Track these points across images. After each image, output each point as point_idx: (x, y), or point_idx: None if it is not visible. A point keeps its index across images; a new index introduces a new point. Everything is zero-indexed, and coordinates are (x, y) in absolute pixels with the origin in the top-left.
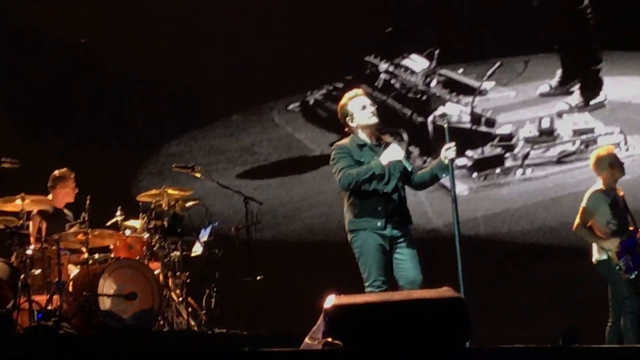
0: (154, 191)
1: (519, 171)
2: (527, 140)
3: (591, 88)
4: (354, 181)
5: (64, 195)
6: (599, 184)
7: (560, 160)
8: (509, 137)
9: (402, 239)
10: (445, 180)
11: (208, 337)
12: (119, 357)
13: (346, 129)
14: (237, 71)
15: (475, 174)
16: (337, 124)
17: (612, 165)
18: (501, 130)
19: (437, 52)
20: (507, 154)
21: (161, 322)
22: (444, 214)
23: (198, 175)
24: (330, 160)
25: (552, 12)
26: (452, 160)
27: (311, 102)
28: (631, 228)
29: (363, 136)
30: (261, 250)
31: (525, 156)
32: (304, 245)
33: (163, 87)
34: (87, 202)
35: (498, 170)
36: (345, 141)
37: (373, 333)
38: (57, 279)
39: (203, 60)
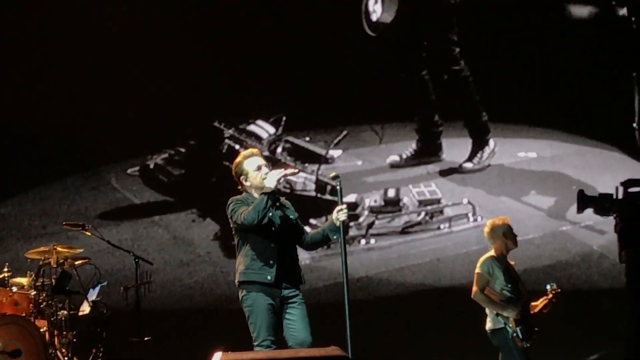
0: (42, 248)
1: (363, 241)
2: (372, 210)
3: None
4: (257, 212)
5: None
6: (491, 252)
7: (405, 230)
8: (354, 206)
9: (293, 299)
10: None
11: None
12: None
13: (239, 187)
14: (74, 132)
15: None
16: (178, 189)
17: (505, 235)
18: (346, 199)
19: (284, 118)
20: (351, 223)
21: None
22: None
23: (88, 233)
24: (229, 211)
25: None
26: (343, 222)
27: (152, 166)
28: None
29: (257, 196)
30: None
31: (370, 226)
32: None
33: None
34: None
35: None
36: (241, 196)
37: None
38: None
39: (36, 118)
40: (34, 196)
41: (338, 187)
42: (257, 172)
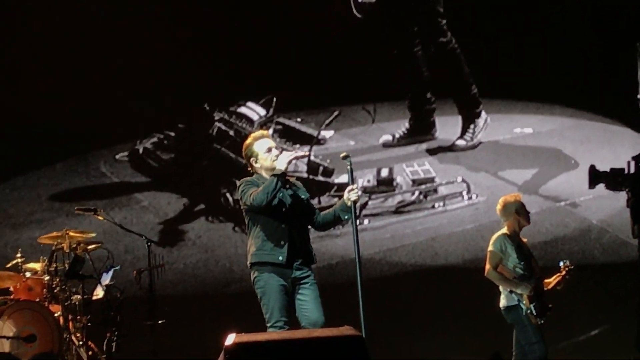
0: (55, 233)
1: (357, 221)
2: (365, 190)
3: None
4: (266, 193)
5: None
6: (503, 230)
7: (399, 210)
8: (346, 186)
9: (305, 280)
10: None
11: None
12: None
13: (249, 169)
14: (63, 118)
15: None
16: (168, 174)
17: (518, 212)
18: (339, 179)
19: (274, 100)
20: None
21: None
22: None
23: (100, 218)
24: (239, 192)
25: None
26: (355, 202)
27: (141, 150)
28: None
29: (267, 177)
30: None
31: (363, 206)
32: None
33: None
34: None
35: None
36: (251, 177)
37: None
38: None
39: (24, 105)
40: (22, 183)
41: (349, 167)
42: (267, 154)
